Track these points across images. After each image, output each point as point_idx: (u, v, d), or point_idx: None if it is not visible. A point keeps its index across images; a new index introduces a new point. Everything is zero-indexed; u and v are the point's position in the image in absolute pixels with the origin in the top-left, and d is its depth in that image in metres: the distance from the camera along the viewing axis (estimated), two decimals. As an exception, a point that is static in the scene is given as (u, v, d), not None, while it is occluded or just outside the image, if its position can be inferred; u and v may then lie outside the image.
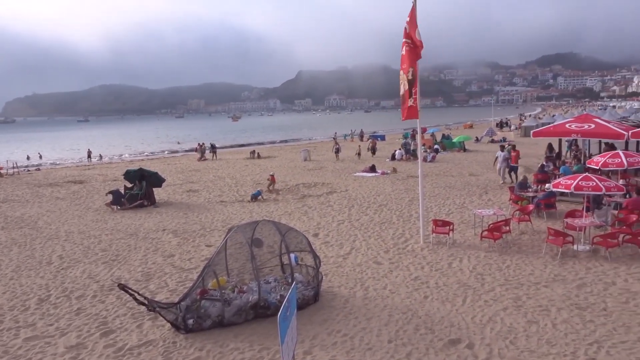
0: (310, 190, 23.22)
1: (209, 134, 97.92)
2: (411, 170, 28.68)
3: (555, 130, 20.12)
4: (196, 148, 44.90)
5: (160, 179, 22.43)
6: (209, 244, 14.46)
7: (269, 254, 10.66)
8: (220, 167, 35.32)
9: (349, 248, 13.50)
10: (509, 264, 11.59)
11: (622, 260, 11.56)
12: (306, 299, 9.58)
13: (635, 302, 9.24)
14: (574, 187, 12.18)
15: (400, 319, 8.93)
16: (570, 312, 8.91)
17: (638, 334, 7.98)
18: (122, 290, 8.38)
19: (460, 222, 15.59)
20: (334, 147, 39.20)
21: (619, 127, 18.60)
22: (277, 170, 31.53)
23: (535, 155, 32.01)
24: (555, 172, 20.29)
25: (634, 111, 75.15)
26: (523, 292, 9.93)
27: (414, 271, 11.41)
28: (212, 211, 19.31)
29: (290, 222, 16.52)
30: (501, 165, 22.71)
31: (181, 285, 11.07)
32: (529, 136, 29.39)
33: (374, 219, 16.75)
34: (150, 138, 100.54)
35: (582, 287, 10.07)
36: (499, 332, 8.24)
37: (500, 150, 23.33)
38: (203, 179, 29.14)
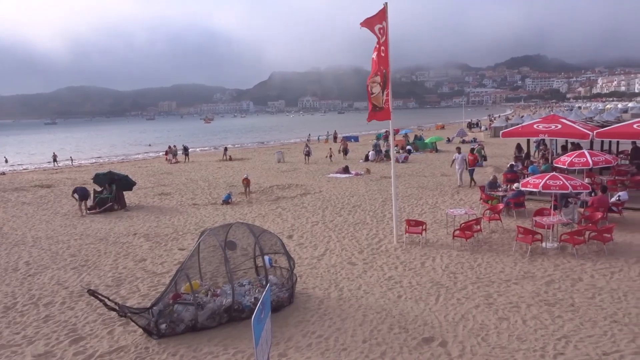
0: (284, 192, 23.17)
1: (181, 136, 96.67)
2: (384, 171, 28.91)
3: (523, 130, 20.56)
4: (167, 150, 44.17)
5: (130, 182, 22.04)
6: (182, 248, 14.28)
7: (243, 257, 10.60)
8: (192, 170, 34.92)
9: (323, 249, 13.52)
10: (480, 262, 11.79)
11: (588, 256, 11.89)
12: (281, 301, 9.56)
13: (600, 297, 9.51)
14: (542, 186, 12.48)
15: (374, 318, 8.99)
16: (540, 308, 9.12)
17: (604, 328, 8.22)
18: (92, 296, 8.21)
19: (432, 222, 15.78)
20: (304, 149, 37.86)
21: (584, 128, 19.13)
22: (250, 172, 31.36)
23: (504, 155, 32.66)
24: (524, 171, 20.73)
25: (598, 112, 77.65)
26: (494, 289, 10.12)
27: (387, 271, 11.50)
28: (184, 214, 19.08)
29: (264, 224, 16.45)
30: (459, 167, 22.56)
31: (153, 290, 10.90)
32: (498, 136, 30.02)
33: (348, 220, 16.82)
34: (120, 140, 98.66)
35: (550, 283, 10.31)
36: (471, 330, 8.38)
37: (457, 153, 23.15)
38: (175, 181, 28.76)
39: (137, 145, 79.35)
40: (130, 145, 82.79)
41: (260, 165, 36.40)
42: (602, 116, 58.21)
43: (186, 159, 42.45)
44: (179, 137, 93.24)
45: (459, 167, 22.55)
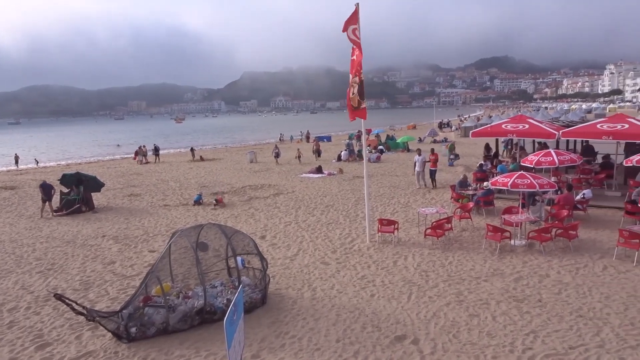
0: (256, 192, 23.04)
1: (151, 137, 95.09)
2: (357, 170, 29.04)
3: (492, 130, 20.97)
4: (137, 151, 43.35)
5: (99, 183, 21.57)
6: (152, 250, 14.04)
7: (215, 258, 10.49)
8: (163, 170, 34.40)
9: (296, 249, 13.50)
10: (451, 260, 11.96)
11: (555, 253, 12.19)
12: (254, 302, 9.50)
13: (567, 292, 9.77)
14: (511, 184, 12.75)
15: (347, 318, 9.02)
16: (509, 304, 9.31)
17: (570, 323, 8.44)
18: (59, 300, 8.00)
19: (404, 221, 15.94)
20: (273, 151, 37.00)
21: (551, 128, 19.63)
22: (222, 173, 31.10)
23: (474, 155, 33.23)
24: (493, 170, 21.13)
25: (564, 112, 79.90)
26: (465, 287, 10.28)
27: (360, 270, 11.56)
28: (155, 215, 18.77)
29: (237, 224, 16.33)
30: (419, 169, 22.04)
31: (123, 293, 10.69)
32: (468, 136, 30.50)
33: (321, 220, 16.84)
34: (88, 141, 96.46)
35: (519, 280, 10.54)
36: (442, 327, 8.49)
37: (417, 155, 22.68)
38: (145, 182, 28.28)
39: (106, 146, 77.68)
40: (98, 145, 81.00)
41: (232, 165, 36.12)
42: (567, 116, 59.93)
43: (157, 160, 41.80)
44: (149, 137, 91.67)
45: (419, 169, 22.07)
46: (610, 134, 17.18)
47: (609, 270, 10.90)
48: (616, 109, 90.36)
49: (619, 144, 19.52)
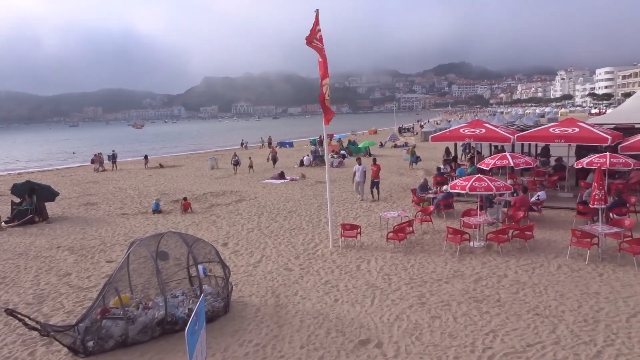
0: (218, 199, 22.76)
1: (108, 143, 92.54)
2: (319, 175, 29.13)
3: (451, 135, 21.46)
4: (93, 158, 42.07)
5: (53, 193, 20.83)
6: (110, 260, 13.65)
7: (176, 267, 10.28)
8: (121, 178, 33.54)
9: (259, 256, 13.40)
10: (413, 263, 12.13)
11: (512, 254, 12.55)
12: (216, 311, 9.36)
13: (524, 292, 10.06)
14: (469, 187, 13.06)
15: (311, 323, 9.01)
16: (469, 305, 9.51)
17: (527, 321, 8.69)
18: (10, 315, 7.67)
19: (367, 225, 16.07)
20: (232, 159, 35.02)
21: (506, 132, 20.25)
22: (183, 180, 30.58)
23: (434, 159, 33.88)
24: (452, 174, 21.61)
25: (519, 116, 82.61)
26: (426, 289, 10.44)
27: (324, 275, 11.57)
28: (112, 225, 18.26)
29: (198, 232, 16.08)
30: (360, 180, 20.45)
31: (79, 305, 10.33)
32: (428, 141, 31.14)
33: (284, 226, 16.78)
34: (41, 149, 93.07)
35: (478, 281, 10.78)
36: (405, 330, 8.59)
37: (358, 164, 20.85)
38: (102, 190, 27.48)
39: (60, 154, 75.11)
40: (52, 153, 78.25)
41: (193, 172, 35.57)
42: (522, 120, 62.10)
43: (114, 167, 40.73)
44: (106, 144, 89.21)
45: (359, 179, 20.43)
46: (562, 138, 17.87)
47: (563, 269, 11.29)
48: (567, 114, 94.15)
49: (570, 147, 20.30)
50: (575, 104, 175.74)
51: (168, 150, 70.42)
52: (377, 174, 20.73)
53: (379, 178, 20.89)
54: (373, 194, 20.64)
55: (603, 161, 15.18)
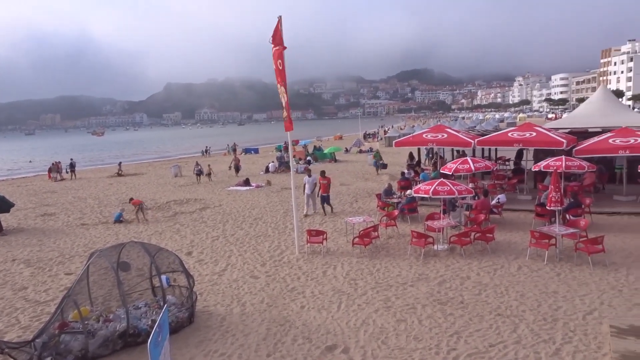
0: (182, 207, 22.40)
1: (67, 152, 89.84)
2: (285, 182, 29.05)
3: (414, 140, 21.81)
4: (50, 167, 40.72)
5: (7, 203, 20.02)
6: (69, 272, 13.22)
7: (138, 278, 10.07)
8: (80, 187, 32.58)
9: (224, 264, 13.24)
10: (378, 268, 12.23)
11: (474, 256, 12.82)
12: (180, 321, 9.19)
13: (486, 293, 10.29)
14: (432, 192, 13.29)
15: (278, 331, 8.95)
16: (434, 307, 9.65)
17: (490, 322, 8.89)
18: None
19: (333, 231, 16.12)
20: (195, 168, 32.90)
21: (467, 136, 20.74)
22: (146, 188, 29.97)
23: (398, 164, 34.32)
24: (416, 178, 21.93)
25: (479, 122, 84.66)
26: (392, 293, 10.54)
27: (290, 282, 11.53)
28: (72, 236, 17.71)
29: (161, 242, 15.77)
30: (309, 192, 18.83)
31: (36, 320, 9.96)
32: (392, 146, 31.49)
33: (250, 233, 16.65)
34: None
35: (442, 283, 10.96)
36: (372, 334, 8.64)
37: (307, 176, 19.22)
38: (60, 200, 26.63)
39: (15, 162, 72.44)
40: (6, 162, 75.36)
41: (155, 180, 34.90)
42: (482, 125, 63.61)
43: (73, 176, 39.55)
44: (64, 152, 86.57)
45: (309, 192, 18.85)
46: (520, 142, 18.44)
47: (523, 269, 11.61)
48: (525, 118, 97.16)
49: (528, 151, 20.92)
50: (532, 109, 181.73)
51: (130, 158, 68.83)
52: (327, 187, 18.83)
53: (329, 192, 18.95)
54: (325, 210, 18.97)
55: (559, 164, 15.73)
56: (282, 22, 12.93)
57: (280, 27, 12.90)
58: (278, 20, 12.92)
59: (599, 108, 23.23)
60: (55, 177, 38.72)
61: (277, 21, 12.91)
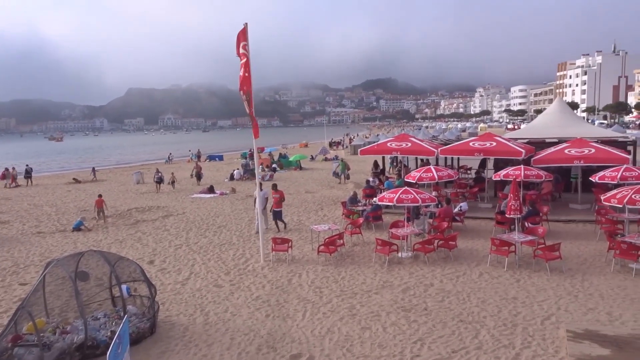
0: (144, 215, 21.91)
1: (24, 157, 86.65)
2: (250, 189, 28.81)
3: (379, 148, 22.06)
4: (4, 173, 39.15)
5: (-42, 211, 19.15)
6: (23, 282, 12.71)
7: (97, 288, 9.79)
8: (37, 194, 31.45)
9: (187, 273, 13.01)
10: (344, 275, 12.27)
11: (437, 263, 13.03)
12: (141, 332, 8.96)
13: (449, 299, 10.46)
14: (396, 200, 13.47)
15: (242, 341, 8.84)
16: (398, 314, 9.74)
17: (452, 328, 9.03)
18: None
19: (298, 239, 16.08)
20: (155, 175, 31.18)
21: (430, 146, 21.13)
22: (106, 195, 29.13)
23: (363, 172, 34.60)
24: (381, 186, 22.16)
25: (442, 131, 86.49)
26: (357, 300, 10.58)
27: (255, 291, 11.43)
28: (27, 244, 17.05)
29: (122, 250, 15.37)
30: (260, 207, 15.95)
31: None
32: (357, 154, 31.77)
33: (214, 241, 16.44)
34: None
35: (406, 290, 11.08)
36: (337, 342, 8.64)
37: (259, 189, 15.81)
38: (15, 208, 25.62)
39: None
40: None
41: (117, 187, 34.05)
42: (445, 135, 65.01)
43: (29, 183, 38.13)
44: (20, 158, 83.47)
45: (260, 207, 15.97)
46: (481, 151, 18.92)
47: (484, 276, 11.87)
48: (486, 128, 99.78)
49: (488, 160, 21.46)
50: (493, 119, 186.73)
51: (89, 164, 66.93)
52: (280, 202, 17.36)
53: (282, 207, 17.47)
54: (278, 226, 17.57)
55: (518, 173, 16.20)
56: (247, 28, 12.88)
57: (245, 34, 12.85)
58: (244, 28, 12.87)
59: (555, 119, 24.11)
60: (9, 183, 37.25)
61: (243, 28, 12.86)
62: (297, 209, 21.74)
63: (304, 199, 24.72)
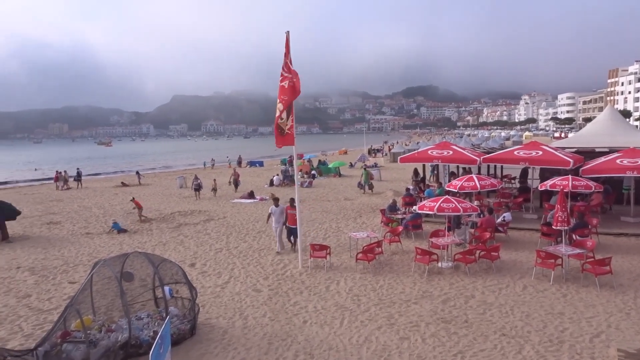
0: (186, 219, 22.40)
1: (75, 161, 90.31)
2: (289, 195, 28.91)
3: (419, 156, 21.78)
4: (56, 176, 40.89)
5: (14, 211, 20.09)
6: (73, 281, 13.20)
7: (141, 288, 10.04)
8: (86, 196, 32.70)
9: (227, 277, 13.19)
10: (382, 284, 12.15)
11: (479, 274, 12.72)
12: (182, 333, 9.13)
13: (490, 312, 10.18)
14: (437, 208, 13.25)
15: (279, 346, 8.88)
16: (437, 326, 9.56)
17: (494, 342, 8.78)
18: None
19: (336, 246, 16.05)
20: (193, 182, 30.80)
21: (473, 154, 20.71)
22: (151, 199, 30.02)
23: (403, 180, 34.30)
24: (421, 195, 21.88)
25: (485, 139, 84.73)
26: (395, 310, 10.45)
27: (293, 296, 11.46)
28: (76, 244, 17.72)
29: (165, 252, 15.75)
30: (276, 226, 15.70)
31: (39, 328, 9.93)
32: (397, 162, 31.51)
33: (253, 246, 16.61)
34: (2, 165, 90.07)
35: (446, 301, 10.86)
36: (374, 351, 8.55)
37: (274, 205, 15.92)
38: (66, 209, 26.71)
39: (23, 171, 72.81)
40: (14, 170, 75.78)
41: (161, 191, 34.98)
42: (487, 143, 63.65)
43: (79, 185, 39.71)
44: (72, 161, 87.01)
45: (277, 225, 15.71)
46: (526, 160, 18.38)
47: (528, 289, 11.50)
48: (531, 137, 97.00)
49: (534, 170, 20.84)
50: (538, 128, 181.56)
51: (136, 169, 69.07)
52: (294, 219, 15.08)
53: (297, 224, 14.72)
54: (293, 244, 15.79)
55: (566, 184, 15.66)
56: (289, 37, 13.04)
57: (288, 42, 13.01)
58: (286, 37, 13.04)
59: (606, 128, 23.16)
60: (61, 185, 38.89)
61: (286, 37, 13.03)
62: (335, 216, 21.73)
63: (342, 206, 24.68)
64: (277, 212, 15.67)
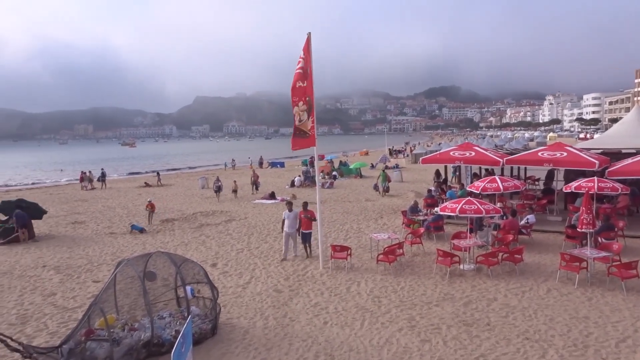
0: (208, 219, 22.62)
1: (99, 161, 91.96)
2: (310, 196, 29.03)
3: (441, 157, 21.59)
4: (81, 176, 41.70)
5: (40, 211, 20.58)
6: (97, 280, 13.45)
7: (163, 288, 10.16)
8: (110, 197, 33.28)
9: (248, 277, 13.27)
10: (403, 286, 12.07)
11: (501, 277, 12.54)
12: (203, 333, 9.22)
13: (513, 315, 10.03)
14: (459, 210, 13.10)
15: (300, 347, 8.89)
16: (459, 328, 9.45)
17: (517, 345, 8.64)
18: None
19: (357, 247, 16.01)
20: (214, 184, 30.95)
21: (496, 155, 20.43)
22: (173, 199, 30.40)
23: (424, 181, 34.05)
24: (443, 196, 21.68)
25: (508, 140, 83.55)
26: (416, 312, 10.37)
27: (313, 297, 11.47)
28: (100, 244, 18.05)
29: (187, 252, 15.92)
30: (289, 230, 15.09)
31: (64, 326, 10.13)
32: (418, 163, 31.29)
33: (274, 247, 16.68)
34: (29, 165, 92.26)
35: (468, 304, 10.74)
36: (395, 353, 8.50)
37: (287, 210, 15.37)
38: (90, 209, 27.22)
39: (49, 171, 74.48)
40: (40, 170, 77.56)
41: (183, 191, 35.39)
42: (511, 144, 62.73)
43: (103, 185, 40.43)
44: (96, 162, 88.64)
45: (290, 230, 15.09)
46: (550, 162, 18.05)
47: (552, 292, 11.29)
48: (556, 138, 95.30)
49: (558, 171, 20.47)
50: (563, 129, 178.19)
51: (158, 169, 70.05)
52: (310, 223, 15.11)
53: (312, 228, 15.12)
54: (307, 250, 15.28)
55: (591, 185, 15.34)
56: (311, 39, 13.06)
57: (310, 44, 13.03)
58: (307, 38, 13.06)
59: (633, 129, 22.61)
60: (86, 186, 39.64)
61: (307, 38, 13.05)
62: (356, 217, 21.68)
63: (363, 207, 24.61)
64: (290, 217, 15.14)
